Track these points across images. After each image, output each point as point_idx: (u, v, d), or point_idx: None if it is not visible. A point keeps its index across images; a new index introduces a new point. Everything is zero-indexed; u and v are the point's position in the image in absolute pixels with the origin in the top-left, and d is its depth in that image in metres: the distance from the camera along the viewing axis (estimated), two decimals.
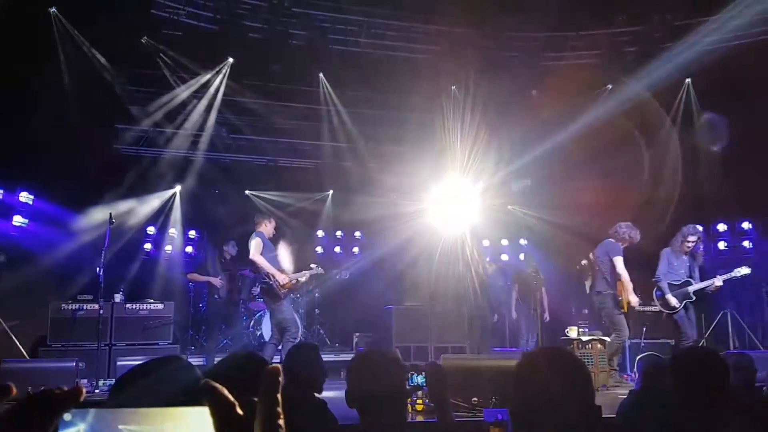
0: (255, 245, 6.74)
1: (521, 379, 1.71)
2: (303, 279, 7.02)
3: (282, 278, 6.63)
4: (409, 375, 2.50)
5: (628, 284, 6.89)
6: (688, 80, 10.06)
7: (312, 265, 7.14)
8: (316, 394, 2.88)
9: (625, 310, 6.92)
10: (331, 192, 11.63)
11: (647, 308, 9.22)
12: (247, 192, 11.22)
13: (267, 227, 6.94)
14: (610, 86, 10.43)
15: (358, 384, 2.15)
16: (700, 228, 7.26)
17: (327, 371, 2.43)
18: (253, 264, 6.97)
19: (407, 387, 2.49)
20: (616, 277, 6.97)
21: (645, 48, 9.74)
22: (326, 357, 8.39)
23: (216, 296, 8.54)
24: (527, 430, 1.67)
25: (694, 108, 10.06)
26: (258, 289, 9.21)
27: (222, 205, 10.71)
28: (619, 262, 6.92)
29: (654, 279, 7.23)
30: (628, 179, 10.21)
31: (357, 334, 10.33)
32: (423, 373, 2.49)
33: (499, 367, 4.67)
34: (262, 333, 9.16)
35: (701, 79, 9.78)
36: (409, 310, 9.46)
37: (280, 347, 6.63)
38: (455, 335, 9.34)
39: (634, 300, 6.95)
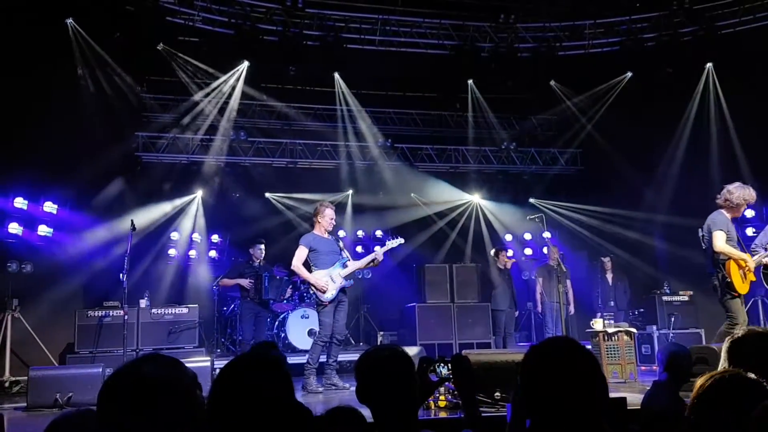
0: (296, 254, 6.70)
1: (526, 367, 1.69)
2: (360, 266, 6.89)
3: (321, 285, 6.56)
4: (435, 367, 2.46)
5: (739, 258, 5.76)
6: (709, 65, 9.86)
7: (389, 241, 7.00)
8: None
9: (741, 291, 5.75)
10: (350, 192, 11.66)
11: (675, 298, 9.08)
12: (267, 195, 11.30)
13: (322, 221, 6.80)
14: (629, 74, 10.27)
15: (365, 380, 2.14)
16: None
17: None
18: (294, 272, 6.97)
19: (434, 380, 2.46)
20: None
21: (664, 34, 9.58)
22: (351, 357, 8.51)
23: (248, 298, 8.63)
24: (531, 417, 1.65)
25: (711, 93, 9.84)
26: (289, 291, 9.31)
27: (243, 209, 10.80)
28: (718, 237, 5.78)
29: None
30: (652, 168, 10.06)
31: (381, 332, 10.35)
32: (449, 365, 2.45)
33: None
34: (286, 334, 9.20)
35: (722, 64, 9.58)
36: (432, 307, 9.43)
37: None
38: (480, 331, 9.28)
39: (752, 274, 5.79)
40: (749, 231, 9.70)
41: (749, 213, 9.78)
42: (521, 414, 1.80)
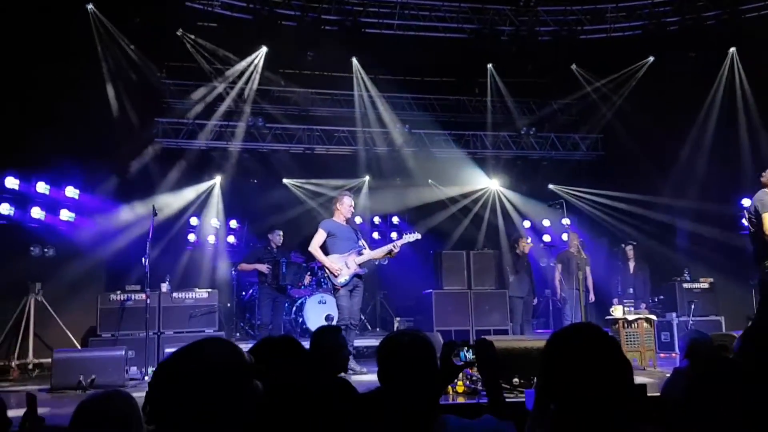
0: (314, 237, 6.90)
1: (550, 353, 1.71)
2: (377, 256, 7.00)
3: (335, 268, 6.72)
4: (459, 351, 2.49)
5: None
6: (732, 49, 9.69)
7: (407, 235, 7.11)
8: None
9: None
10: (367, 178, 11.68)
11: (695, 285, 9.02)
12: (284, 181, 11.36)
13: (341, 208, 6.99)
14: (651, 58, 10.14)
15: (386, 364, 2.17)
16: None
17: (349, 352, 2.44)
18: (311, 255, 7.15)
19: (458, 364, 2.49)
20: None
21: (687, 18, 9.43)
22: (367, 342, 8.59)
23: (266, 283, 8.73)
24: (553, 404, 1.67)
25: (736, 78, 9.68)
26: (308, 278, 9.42)
27: (261, 195, 10.89)
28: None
29: None
30: (674, 154, 9.95)
31: (398, 318, 10.40)
32: (473, 350, 2.47)
33: (541, 348, 4.65)
34: (304, 320, 9.29)
35: (746, 48, 9.42)
36: (449, 294, 9.46)
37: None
38: (497, 318, 9.30)
39: None
40: None
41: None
42: (545, 399, 1.82)
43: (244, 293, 10.17)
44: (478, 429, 2.12)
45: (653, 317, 7.04)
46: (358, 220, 11.26)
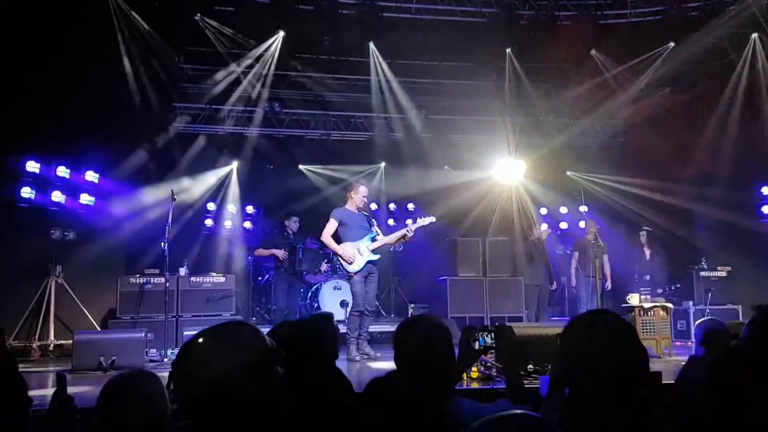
0: (326, 227, 7.02)
1: (567, 338, 1.74)
2: (390, 241, 7.12)
3: (348, 255, 6.82)
4: (479, 336, 2.52)
5: None
6: (754, 35, 9.53)
7: (420, 219, 7.18)
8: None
9: None
10: (383, 164, 11.69)
11: (712, 274, 8.97)
12: (300, 167, 11.42)
13: (354, 197, 7.09)
14: (672, 44, 10.00)
15: (403, 349, 2.21)
16: None
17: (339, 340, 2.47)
18: (324, 244, 7.29)
19: (476, 348, 2.52)
20: None
21: (707, 3, 9.27)
22: (382, 328, 8.67)
23: (282, 269, 8.84)
24: (570, 387, 1.70)
25: (760, 65, 9.52)
26: (324, 266, 9.51)
27: (277, 181, 10.95)
28: None
29: None
30: (694, 140, 9.85)
31: (412, 305, 10.47)
32: (492, 335, 2.50)
33: (556, 335, 4.67)
34: (319, 305, 9.39)
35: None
36: (464, 281, 9.51)
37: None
38: (512, 305, 9.33)
39: None
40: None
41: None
42: (560, 384, 1.86)
43: (260, 278, 10.28)
44: (492, 414, 2.16)
45: (669, 305, 7.03)
46: (373, 206, 11.30)
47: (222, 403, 1.40)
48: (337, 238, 7.07)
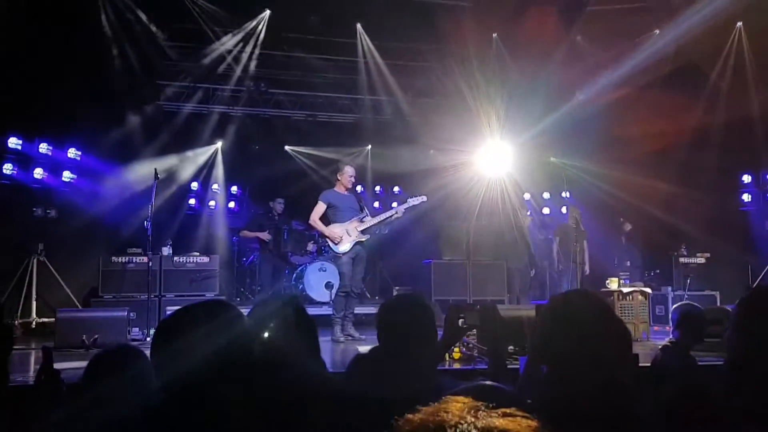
0: (314, 209, 7.04)
1: (542, 314, 1.78)
2: (379, 221, 7.19)
3: (335, 236, 6.86)
4: (461, 317, 2.56)
5: None
6: (739, 24, 9.61)
7: (411, 199, 7.23)
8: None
9: None
10: (369, 147, 11.67)
11: (692, 260, 9.13)
12: (286, 147, 11.37)
13: (342, 179, 7.13)
14: (657, 31, 10.05)
15: (386, 327, 2.25)
16: None
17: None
18: (311, 226, 7.33)
19: (460, 326, 2.56)
20: None
21: None
22: (366, 310, 8.72)
23: (268, 250, 8.83)
24: (547, 367, 1.74)
25: (746, 54, 9.62)
26: (311, 246, 9.52)
27: (263, 162, 10.92)
28: None
29: None
30: (676, 128, 9.93)
31: (396, 287, 10.50)
32: (475, 314, 2.54)
33: (536, 319, 4.75)
34: (304, 287, 9.41)
35: (753, 22, 9.33)
36: (448, 264, 9.59)
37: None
38: (494, 289, 9.43)
39: None
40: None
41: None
42: (537, 361, 1.91)
43: (245, 259, 10.28)
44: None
45: (648, 290, 7.16)
46: (358, 188, 11.31)
47: (199, 386, 1.41)
48: (326, 221, 7.10)
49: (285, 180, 10.61)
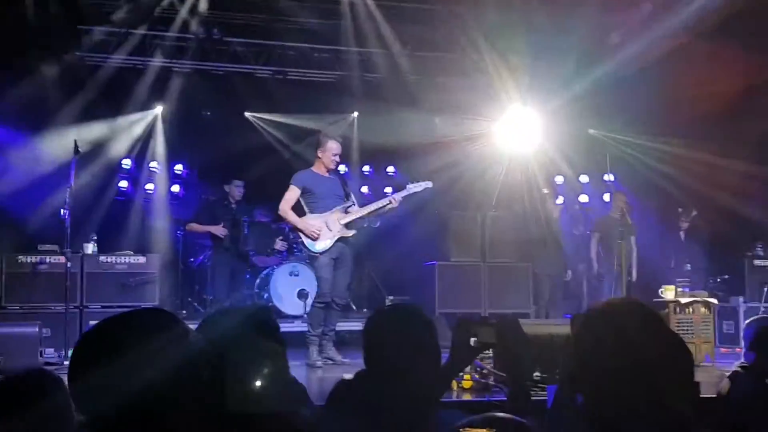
0: (285, 195, 7.06)
1: (580, 331, 1.77)
2: (368, 213, 7.23)
3: (312, 230, 6.85)
4: (476, 331, 2.55)
5: None
6: None
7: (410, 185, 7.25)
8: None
9: None
10: (356, 114, 11.64)
11: None
12: (247, 114, 11.32)
13: (323, 156, 7.11)
14: None
15: (374, 346, 2.24)
16: None
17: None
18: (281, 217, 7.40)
19: (472, 346, 2.55)
20: None
21: None
22: (351, 326, 8.72)
23: (223, 248, 8.81)
24: (583, 397, 1.73)
25: None
26: (279, 243, 9.50)
27: (216, 133, 10.86)
28: None
29: None
30: (753, 89, 9.91)
31: (390, 297, 10.53)
32: (491, 329, 2.52)
33: (570, 336, 4.76)
34: (270, 296, 9.41)
35: None
36: (456, 267, 9.62)
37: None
38: (516, 299, 9.48)
39: None
40: None
41: None
42: (571, 390, 1.90)
43: (193, 260, 10.26)
44: None
45: (713, 301, 7.20)
46: (342, 169, 11.30)
47: (135, 419, 1.41)
48: (300, 211, 7.10)
49: (246, 157, 10.56)
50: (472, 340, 2.51)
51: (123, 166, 10.59)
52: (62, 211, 7.10)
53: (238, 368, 1.86)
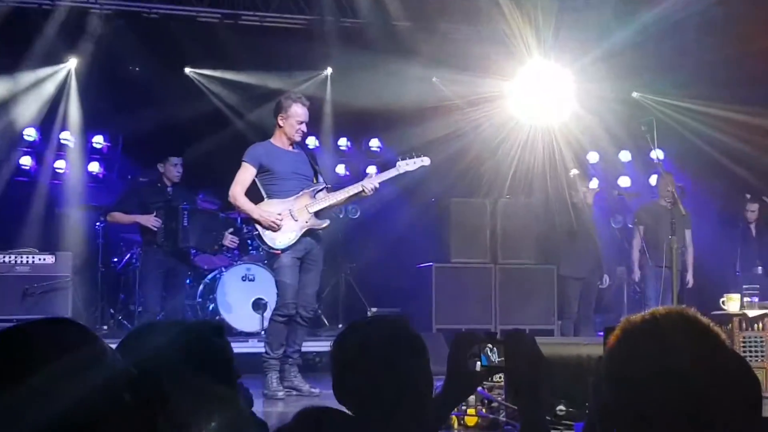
0: (237, 176, 7.05)
1: (613, 353, 1.76)
2: (342, 199, 7.28)
3: (271, 220, 6.84)
4: (480, 350, 2.54)
5: None
6: None
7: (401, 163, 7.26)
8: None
9: None
10: (329, 71, 11.62)
11: None
12: (187, 71, 11.27)
13: (285, 124, 7.08)
14: None
15: (347, 370, 2.23)
16: None
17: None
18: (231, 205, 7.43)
19: (476, 371, 2.55)
20: None
21: None
22: (323, 347, 8.72)
23: (155, 245, 8.77)
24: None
25: None
26: (228, 238, 9.47)
27: (147, 94, 10.79)
28: None
29: None
30: None
31: (373, 309, 10.53)
32: (499, 348, 2.51)
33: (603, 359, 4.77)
34: (217, 306, 9.40)
35: None
36: (459, 270, 9.68)
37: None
38: (536, 311, 9.53)
39: None
40: None
41: None
42: (604, 427, 1.90)
43: (116, 259, 10.22)
44: None
45: None
46: (312, 143, 11.29)
47: None
48: (255, 195, 7.10)
49: (186, 127, 10.59)
50: (478, 365, 2.50)
51: (25, 137, 10.52)
52: None
53: (173, 415, 1.84)
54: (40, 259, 8.38)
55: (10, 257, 8.31)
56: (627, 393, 1.73)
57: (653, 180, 10.96)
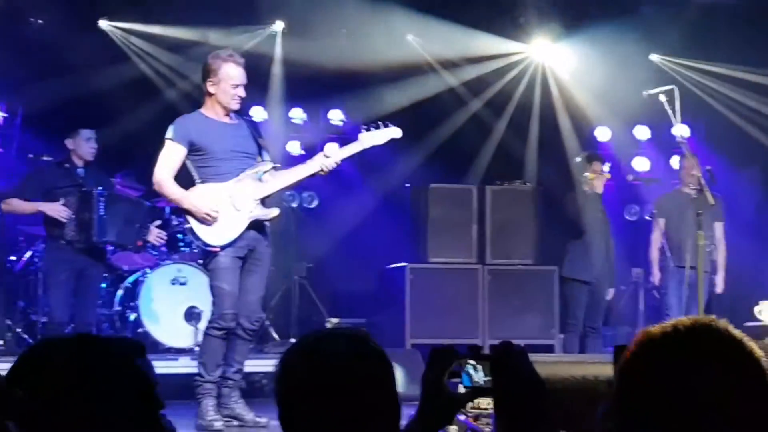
0: (161, 155, 6.97)
1: (626, 372, 1.76)
2: (294, 181, 7.25)
3: (204, 211, 6.79)
4: (461, 367, 2.54)
5: None
6: None
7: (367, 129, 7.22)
8: None
9: None
10: (281, 27, 11.61)
11: None
12: (102, 24, 11.22)
13: (217, 91, 6.97)
14: None
15: (295, 398, 2.21)
16: None
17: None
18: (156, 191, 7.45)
19: (457, 393, 2.54)
20: None
21: None
22: (269, 365, 8.71)
23: (63, 240, 8.74)
24: None
25: None
26: (154, 232, 9.45)
27: (54, 53, 10.75)
28: None
29: None
30: None
31: (333, 319, 10.56)
32: (484, 366, 2.50)
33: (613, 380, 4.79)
34: (140, 316, 9.40)
35: None
36: (439, 271, 9.74)
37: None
38: (533, 323, 9.61)
39: None
40: None
41: None
42: None
43: (14, 258, 10.17)
44: None
45: None
46: (259, 113, 11.29)
47: None
48: (186, 180, 7.06)
49: (100, 93, 10.56)
50: (460, 386, 2.49)
51: None
52: None
53: None
54: None
55: None
56: (642, 422, 1.73)
57: (675, 162, 11.00)
